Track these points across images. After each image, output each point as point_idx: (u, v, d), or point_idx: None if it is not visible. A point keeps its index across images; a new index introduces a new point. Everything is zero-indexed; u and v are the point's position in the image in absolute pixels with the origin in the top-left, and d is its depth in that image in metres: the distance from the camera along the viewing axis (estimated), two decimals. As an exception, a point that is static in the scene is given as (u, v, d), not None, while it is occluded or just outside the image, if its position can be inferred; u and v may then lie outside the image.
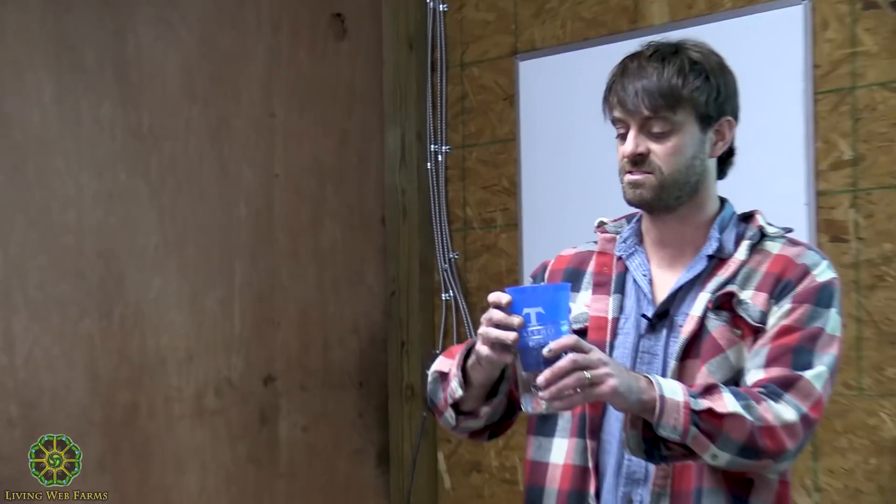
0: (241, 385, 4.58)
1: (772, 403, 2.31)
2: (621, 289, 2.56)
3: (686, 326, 2.45)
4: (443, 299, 4.99)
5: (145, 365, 4.30)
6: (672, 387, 2.28)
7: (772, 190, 3.96)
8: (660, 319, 2.49)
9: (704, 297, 2.45)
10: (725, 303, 2.43)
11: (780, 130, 4.02)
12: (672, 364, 2.43)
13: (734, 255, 2.49)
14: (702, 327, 2.43)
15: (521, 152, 4.78)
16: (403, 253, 5.04)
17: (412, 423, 4.97)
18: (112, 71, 4.26)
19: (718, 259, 2.50)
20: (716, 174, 2.55)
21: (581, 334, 2.45)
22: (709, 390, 2.31)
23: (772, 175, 3.99)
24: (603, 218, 2.69)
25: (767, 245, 2.50)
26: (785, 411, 2.31)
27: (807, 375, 2.36)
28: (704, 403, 2.27)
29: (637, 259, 2.58)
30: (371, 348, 5.01)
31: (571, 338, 2.22)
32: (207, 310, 4.49)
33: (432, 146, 5.03)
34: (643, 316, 2.51)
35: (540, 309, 2.22)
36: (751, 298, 2.43)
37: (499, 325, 2.25)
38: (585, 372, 2.18)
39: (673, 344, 2.46)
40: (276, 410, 4.68)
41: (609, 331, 2.52)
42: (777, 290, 2.43)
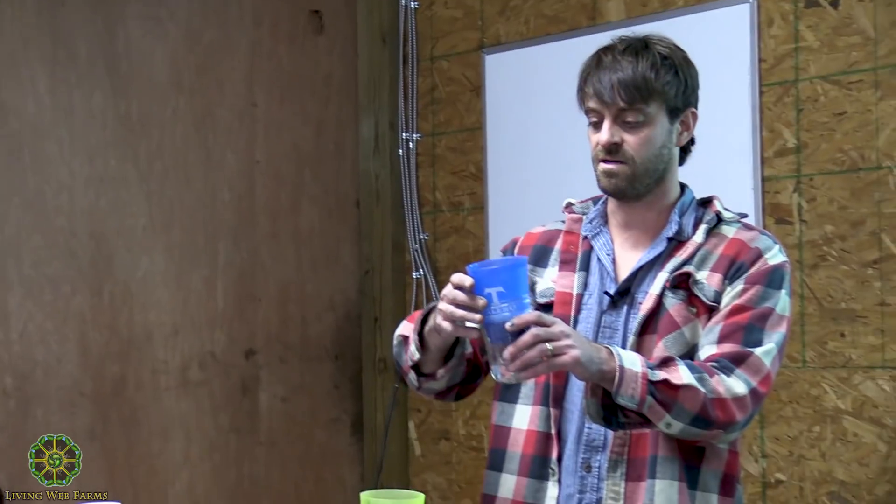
0: (224, 358, 4.60)
1: (724, 377, 2.36)
2: (586, 266, 2.60)
3: (645, 304, 2.49)
4: (414, 277, 5.01)
5: (133, 339, 4.32)
6: (631, 358, 2.33)
7: (721, 175, 3.94)
8: (621, 297, 2.54)
9: (663, 277, 2.50)
10: (682, 282, 2.49)
11: (729, 120, 4.07)
12: (631, 339, 2.48)
13: (692, 238, 2.54)
14: (660, 305, 2.48)
15: (487, 140, 4.82)
16: (377, 234, 5.05)
17: (384, 394, 4.99)
18: (103, 63, 4.28)
19: (677, 241, 2.55)
20: (678, 161, 2.61)
21: (547, 308, 2.55)
22: (665, 363, 2.36)
23: (721, 161, 4.01)
24: (571, 199, 2.73)
25: (723, 229, 2.56)
26: (736, 385, 2.36)
27: (757, 352, 2.41)
28: (661, 375, 2.32)
29: (602, 239, 2.62)
30: (346, 323, 5.01)
31: (534, 314, 2.26)
32: (192, 287, 4.51)
33: (404, 134, 5.06)
34: (606, 293, 2.55)
35: (500, 288, 2.24)
36: (706, 279, 2.48)
37: (463, 307, 2.29)
38: (547, 344, 2.24)
39: (633, 320, 2.51)
40: (257, 382, 4.70)
41: (574, 306, 2.56)
42: (731, 272, 2.48)
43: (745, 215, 2.64)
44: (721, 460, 2.52)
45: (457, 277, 2.30)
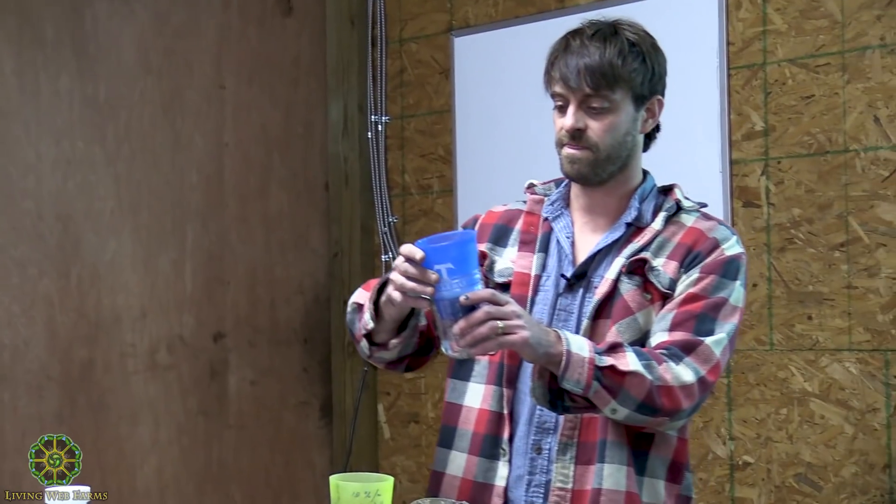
0: (193, 342, 4.58)
1: (672, 365, 2.38)
2: (545, 248, 2.62)
3: (600, 288, 2.51)
4: (383, 260, 5.00)
5: (101, 323, 4.29)
6: (579, 343, 2.35)
7: (690, 158, 4.03)
8: (578, 280, 2.55)
9: (619, 262, 2.52)
10: (638, 268, 2.51)
11: (697, 103, 4.09)
12: (585, 322, 2.50)
13: (651, 225, 2.56)
14: (615, 290, 2.50)
15: (456, 123, 4.83)
16: (346, 217, 5.05)
17: (354, 378, 4.98)
18: (70, 45, 4.24)
19: (636, 227, 2.56)
20: (641, 148, 2.63)
21: (505, 288, 2.56)
22: (613, 348, 2.38)
23: (689, 145, 4.06)
24: (533, 180, 2.74)
25: (683, 217, 2.57)
26: (684, 373, 2.38)
27: (707, 341, 2.43)
28: (608, 360, 2.34)
29: (562, 221, 2.63)
30: (315, 307, 5.01)
31: (488, 291, 2.28)
32: (160, 271, 4.48)
33: (373, 117, 5.06)
34: (562, 276, 2.57)
35: (450, 264, 2.25)
36: (662, 266, 2.50)
37: (414, 279, 2.30)
38: (498, 322, 2.25)
39: (588, 303, 2.53)
40: (226, 365, 4.69)
41: (531, 287, 2.58)
42: (687, 260, 2.50)
43: (705, 205, 2.65)
44: (669, 447, 2.54)
45: (407, 249, 2.30)
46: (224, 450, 4.70)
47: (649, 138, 2.65)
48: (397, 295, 2.35)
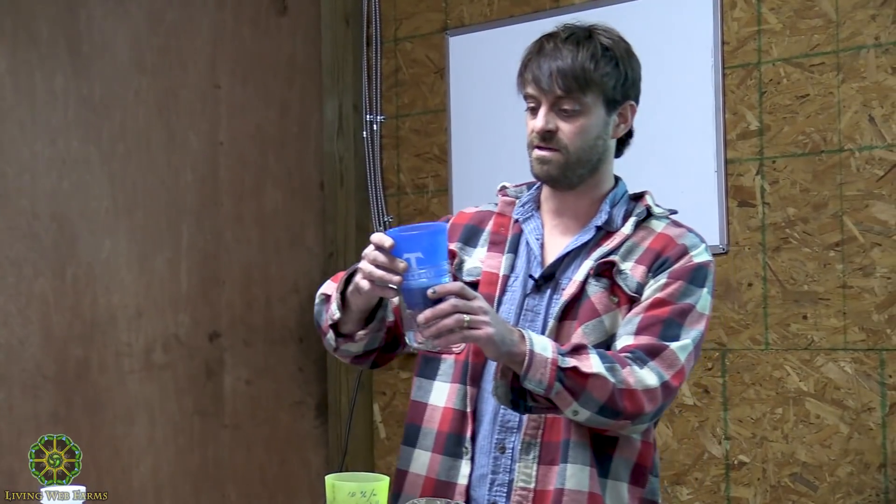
0: (188, 341, 4.56)
1: (636, 368, 2.39)
2: (514, 249, 2.64)
3: (568, 289, 2.52)
4: None
5: (97, 322, 4.28)
6: (543, 343, 2.35)
7: (684, 158, 4.06)
8: (546, 281, 2.57)
9: (588, 265, 2.53)
10: (606, 271, 2.52)
11: (692, 103, 4.08)
12: (551, 323, 2.51)
13: (620, 229, 2.57)
14: (582, 291, 2.51)
15: (451, 122, 4.83)
16: (341, 216, 5.04)
17: (349, 377, 4.95)
18: (65, 44, 4.23)
19: (606, 231, 2.58)
20: (613, 153, 2.64)
21: (473, 287, 2.51)
22: (577, 350, 2.38)
23: (684, 144, 4.08)
24: (505, 182, 2.77)
25: (653, 223, 2.59)
26: (648, 377, 2.39)
27: (673, 346, 2.44)
28: (571, 362, 2.34)
29: (532, 223, 2.65)
30: (310, 306, 4.48)
31: (457, 284, 2.28)
32: (156, 270, 4.46)
33: (368, 116, 5.05)
34: (531, 276, 2.59)
35: (419, 254, 2.25)
36: (630, 270, 2.52)
37: (382, 268, 2.29)
38: (465, 315, 2.24)
39: (555, 304, 2.54)
40: (221, 365, 4.68)
41: (499, 287, 2.59)
42: (655, 265, 2.51)
43: (675, 212, 2.66)
44: (633, 450, 2.54)
45: (376, 237, 2.30)
46: (220, 449, 4.69)
47: (622, 144, 2.66)
48: (365, 283, 2.35)
